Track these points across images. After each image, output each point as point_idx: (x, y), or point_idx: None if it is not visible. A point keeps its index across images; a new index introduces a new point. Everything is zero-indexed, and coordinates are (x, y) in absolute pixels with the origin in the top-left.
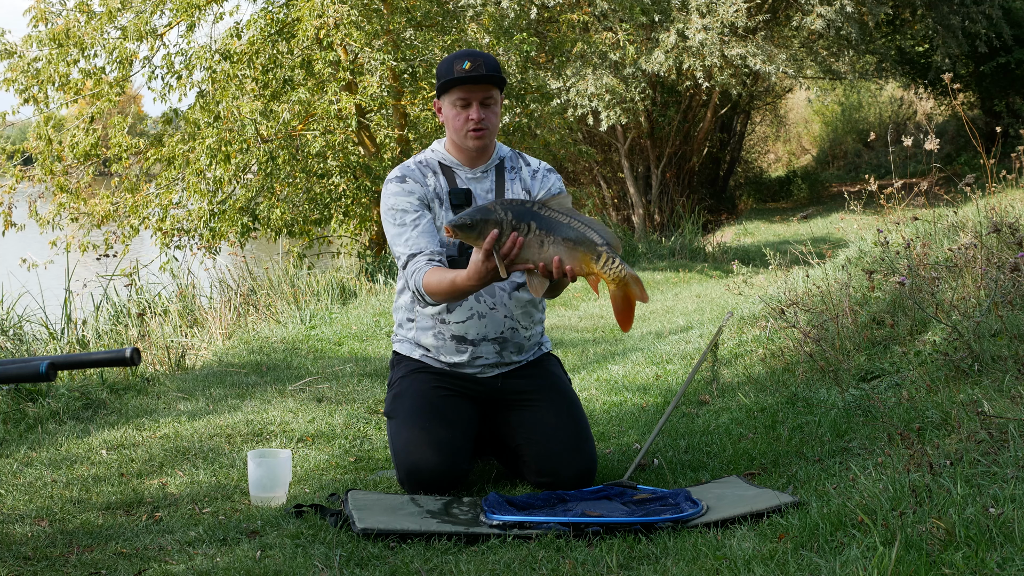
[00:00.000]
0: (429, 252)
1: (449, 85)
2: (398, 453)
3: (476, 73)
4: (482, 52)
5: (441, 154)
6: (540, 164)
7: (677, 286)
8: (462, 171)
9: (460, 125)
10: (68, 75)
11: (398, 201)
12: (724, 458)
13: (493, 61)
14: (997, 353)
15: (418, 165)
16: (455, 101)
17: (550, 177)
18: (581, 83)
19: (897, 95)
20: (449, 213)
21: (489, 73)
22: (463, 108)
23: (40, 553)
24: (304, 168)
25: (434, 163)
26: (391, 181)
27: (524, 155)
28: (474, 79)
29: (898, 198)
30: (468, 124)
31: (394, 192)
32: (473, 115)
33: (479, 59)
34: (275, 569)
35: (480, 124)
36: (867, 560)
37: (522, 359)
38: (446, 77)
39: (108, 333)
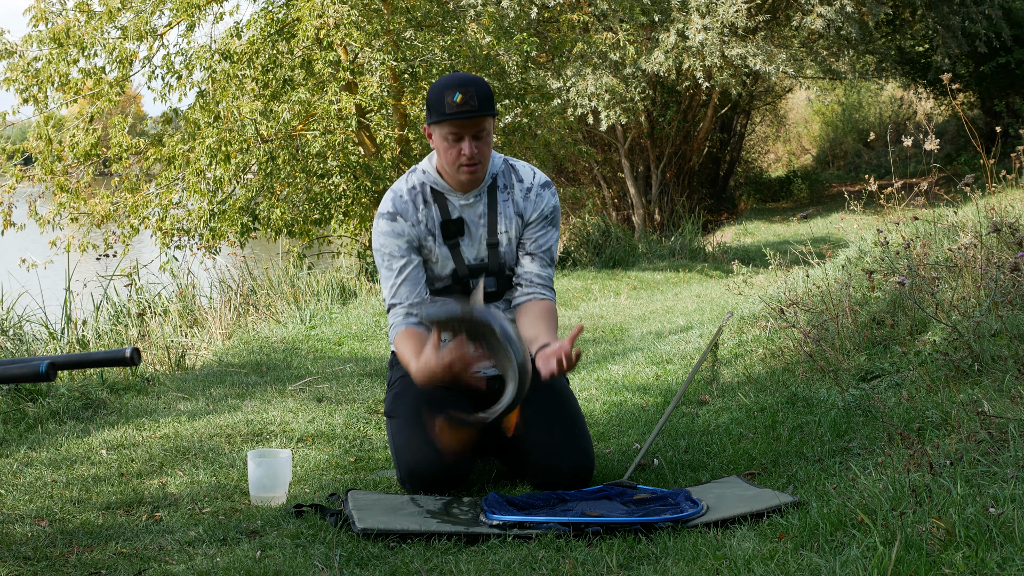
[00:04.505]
0: (408, 304)
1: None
2: (399, 452)
3: (468, 108)
4: (473, 78)
5: (433, 178)
6: (534, 179)
7: (677, 286)
8: (454, 197)
9: (452, 159)
10: (68, 75)
11: (386, 243)
12: (724, 458)
13: (485, 89)
14: (997, 353)
15: (411, 195)
16: (446, 135)
17: (543, 195)
18: (581, 83)
19: (897, 95)
20: (443, 248)
21: (482, 107)
22: (455, 142)
23: (40, 553)
24: (304, 168)
25: (426, 190)
26: (382, 216)
27: (517, 167)
28: (466, 113)
29: (898, 198)
30: (461, 159)
31: (383, 231)
32: (466, 150)
33: (470, 88)
34: (275, 569)
35: (473, 159)
36: (867, 560)
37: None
38: (437, 110)
39: (108, 333)
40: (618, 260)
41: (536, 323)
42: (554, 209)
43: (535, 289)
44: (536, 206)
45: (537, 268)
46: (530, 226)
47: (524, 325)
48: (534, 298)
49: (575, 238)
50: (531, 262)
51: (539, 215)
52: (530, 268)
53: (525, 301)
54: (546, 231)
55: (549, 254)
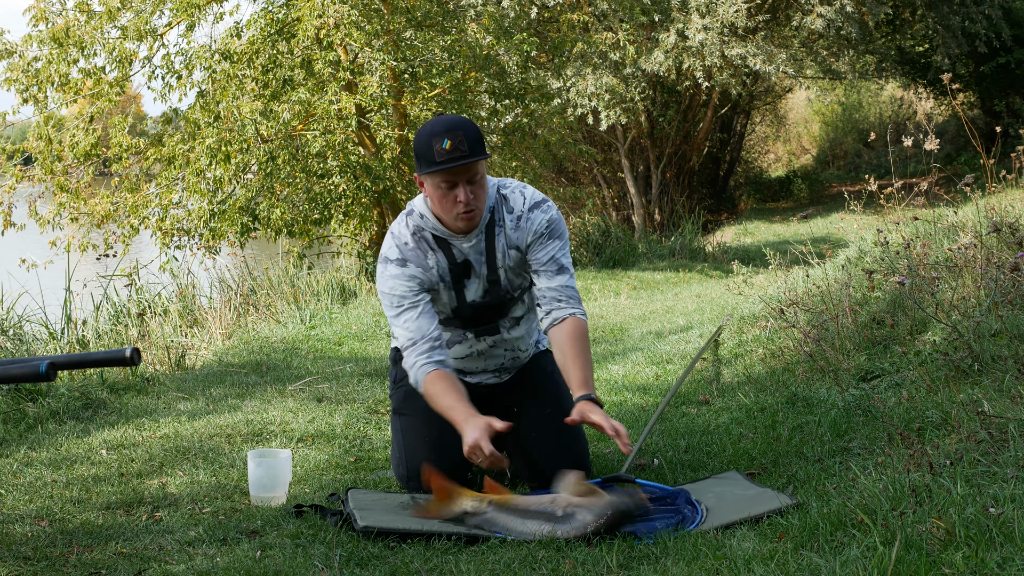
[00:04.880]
0: (431, 337)
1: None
2: (409, 451)
3: (458, 154)
4: (460, 121)
5: (432, 224)
6: (524, 204)
7: (677, 286)
8: (457, 240)
9: (448, 207)
10: (68, 75)
11: (396, 286)
12: (724, 458)
13: (474, 131)
14: (997, 353)
15: (416, 242)
16: (439, 183)
17: (533, 216)
18: (581, 83)
19: (897, 95)
20: (450, 291)
21: (472, 151)
22: (449, 190)
23: (40, 553)
24: (304, 168)
25: (428, 237)
26: (390, 263)
27: (508, 195)
28: (457, 160)
29: (898, 198)
30: (457, 206)
31: (394, 275)
32: (461, 197)
33: (458, 133)
34: (275, 569)
35: (470, 205)
36: (867, 560)
37: (522, 365)
38: (426, 159)
39: (108, 333)
40: (618, 260)
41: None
42: (548, 223)
43: (555, 307)
44: (529, 229)
45: (546, 281)
46: (530, 248)
47: (555, 353)
48: (556, 319)
49: (575, 238)
50: (539, 277)
51: (534, 236)
52: (540, 284)
53: (550, 324)
54: (544, 245)
55: (555, 263)
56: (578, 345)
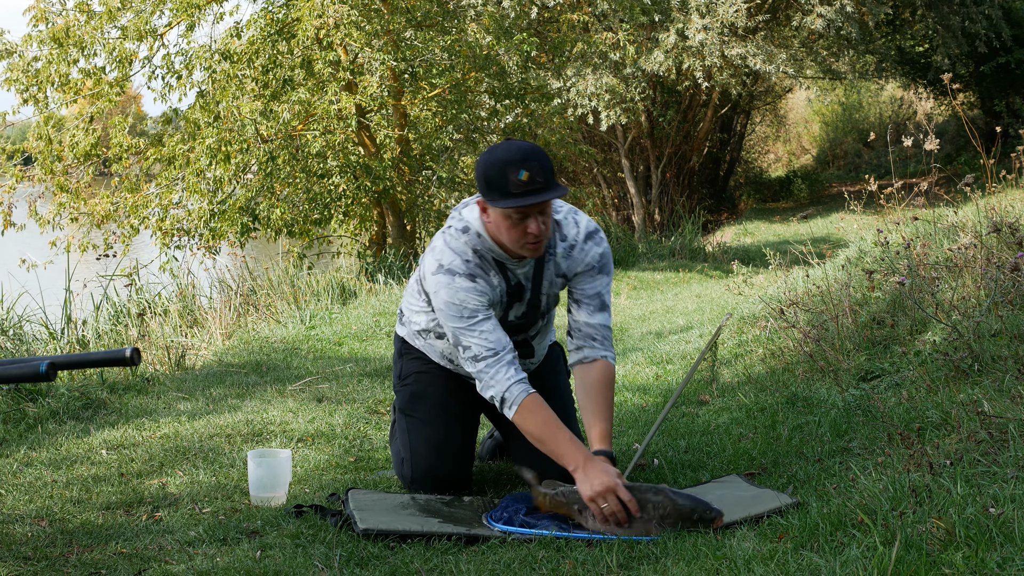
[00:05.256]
0: (510, 349)
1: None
2: (415, 454)
3: (536, 187)
4: (534, 149)
5: (488, 246)
6: (578, 233)
7: (677, 286)
8: (511, 264)
9: (517, 237)
10: (68, 75)
11: (469, 299)
12: (724, 458)
13: (548, 161)
14: (997, 353)
15: (479, 262)
16: (510, 214)
17: (587, 248)
18: (581, 83)
19: (897, 95)
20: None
21: (548, 184)
22: (520, 221)
23: (40, 553)
24: (304, 168)
25: (489, 259)
26: (458, 275)
27: (562, 221)
28: (535, 193)
29: (898, 198)
30: (527, 237)
31: (464, 288)
32: (533, 228)
33: (534, 164)
34: (275, 569)
35: (540, 237)
36: (867, 560)
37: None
38: (499, 190)
39: (108, 333)
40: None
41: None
42: (601, 257)
43: (587, 345)
44: (581, 260)
45: (585, 316)
46: (578, 276)
47: (578, 394)
48: (586, 358)
49: None
50: (578, 309)
51: (584, 268)
52: (578, 316)
53: (578, 362)
54: (593, 279)
55: (598, 299)
56: (605, 393)
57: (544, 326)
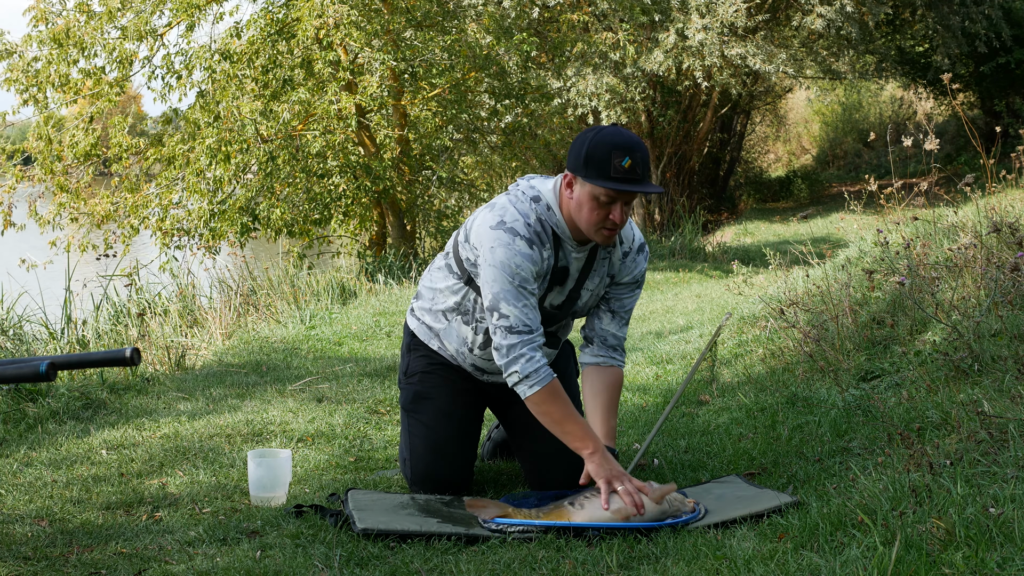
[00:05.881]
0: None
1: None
2: (415, 456)
3: (635, 176)
4: (639, 142)
5: (556, 220)
6: (634, 242)
7: (677, 286)
8: (570, 246)
9: (596, 220)
10: (68, 75)
11: (524, 265)
12: (724, 458)
13: (647, 156)
14: (997, 353)
15: (539, 231)
16: (599, 195)
17: (638, 260)
18: (581, 83)
19: (897, 95)
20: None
21: (644, 177)
22: (606, 204)
23: (40, 553)
24: (304, 168)
25: (550, 231)
26: (519, 237)
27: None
28: (634, 183)
29: (898, 198)
30: (606, 223)
31: (524, 254)
32: (616, 216)
33: (638, 154)
34: (275, 569)
35: (618, 225)
36: (867, 560)
37: None
38: (600, 170)
39: (108, 333)
40: None
41: (598, 396)
42: (643, 273)
43: (607, 353)
44: (630, 271)
45: (615, 328)
46: (619, 286)
47: (586, 392)
48: (602, 363)
49: None
50: (611, 320)
51: (630, 279)
52: (608, 326)
53: (593, 363)
54: (633, 293)
55: (629, 314)
56: (614, 397)
57: (564, 329)
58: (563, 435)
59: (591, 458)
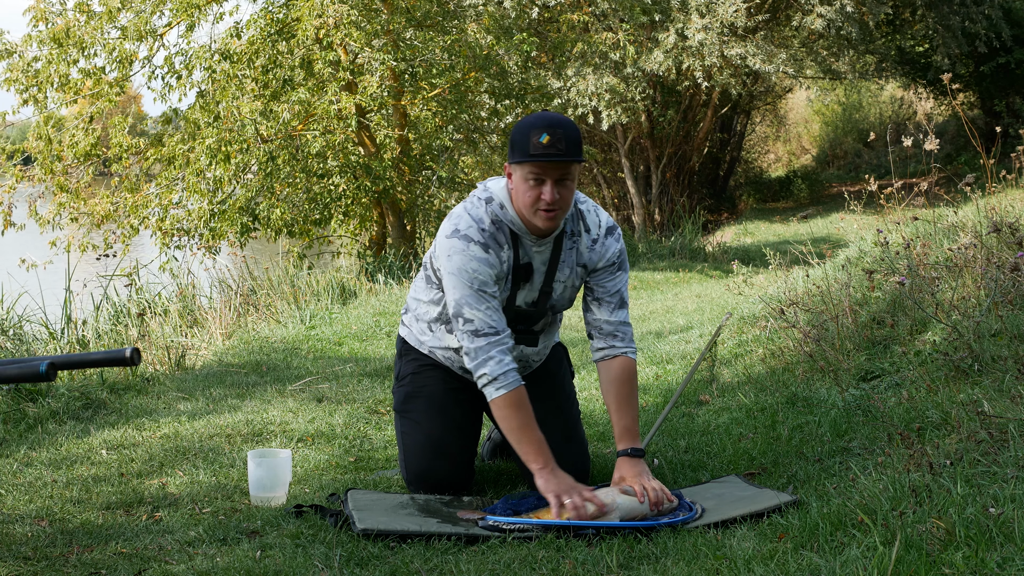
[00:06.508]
0: (509, 335)
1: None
2: (408, 455)
3: (554, 150)
4: (563, 119)
5: (510, 217)
6: (600, 227)
7: (677, 286)
8: (529, 240)
9: (531, 201)
10: (68, 75)
11: (480, 269)
12: (724, 458)
13: (574, 132)
14: (997, 353)
15: (493, 231)
16: (527, 175)
17: (608, 243)
18: (582, 83)
19: (897, 95)
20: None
21: (568, 151)
22: (536, 185)
23: (40, 553)
24: (304, 168)
25: (506, 230)
26: (473, 243)
27: (584, 212)
28: (552, 156)
29: (898, 198)
30: (540, 203)
31: (479, 258)
32: (546, 195)
33: (558, 130)
34: (275, 569)
35: (553, 205)
36: (867, 560)
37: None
38: (520, 149)
39: (108, 333)
40: None
41: (608, 394)
42: (620, 253)
43: (605, 343)
44: (602, 255)
45: (606, 314)
46: (596, 273)
47: (602, 388)
48: (608, 355)
49: None
50: (599, 308)
51: (606, 263)
52: (599, 315)
53: (601, 359)
54: (613, 276)
55: (618, 296)
56: (626, 389)
57: (551, 324)
58: (517, 444)
59: (540, 473)
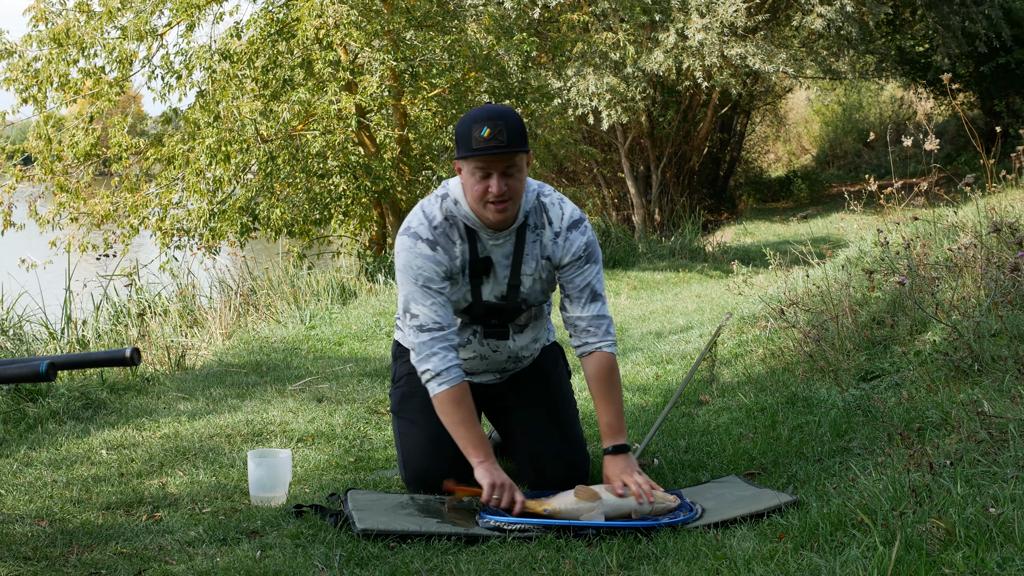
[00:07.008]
0: (453, 331)
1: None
2: (406, 456)
3: (496, 143)
4: (504, 111)
5: (465, 212)
6: (563, 221)
7: (677, 286)
8: (485, 235)
9: (479, 195)
10: (67, 75)
11: (425, 266)
12: (724, 458)
13: (516, 122)
14: (997, 353)
15: (445, 228)
16: (473, 170)
17: (572, 237)
18: (582, 83)
19: (897, 95)
20: (466, 285)
21: (511, 142)
22: (483, 178)
23: (40, 553)
24: (304, 168)
25: (460, 226)
26: (421, 240)
27: (548, 205)
28: (494, 149)
29: (898, 198)
30: (488, 196)
31: (424, 255)
32: (493, 187)
33: (499, 123)
34: (275, 569)
35: (501, 196)
36: (867, 560)
37: (523, 367)
38: (464, 144)
39: (108, 333)
40: (618, 260)
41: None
42: (587, 246)
43: (581, 340)
44: (567, 250)
45: (578, 310)
46: (563, 268)
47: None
48: (584, 352)
49: None
50: (571, 304)
51: (571, 257)
52: (571, 311)
53: (580, 355)
54: (581, 270)
55: (588, 290)
56: (606, 385)
57: (537, 318)
58: (457, 439)
59: (478, 467)
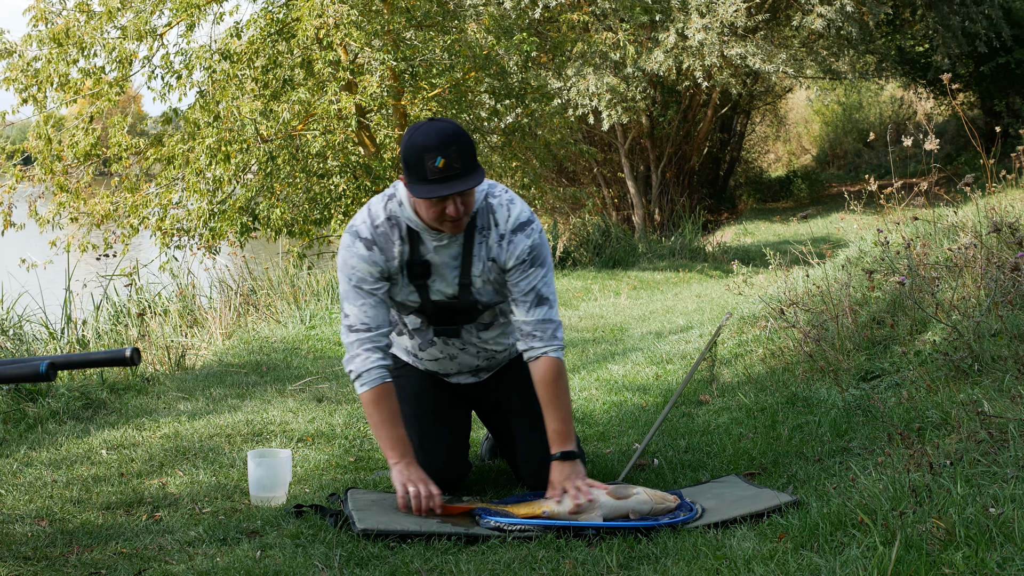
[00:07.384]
0: (384, 332)
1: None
2: None
3: (452, 173)
4: (453, 134)
5: (408, 216)
6: (508, 223)
7: (677, 286)
8: (429, 237)
9: (435, 216)
10: (67, 75)
11: (359, 266)
12: (724, 458)
13: (467, 144)
14: (997, 353)
15: (387, 227)
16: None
17: (516, 240)
18: (582, 83)
19: (897, 95)
20: (412, 287)
21: (466, 169)
22: (438, 202)
23: (40, 553)
24: (304, 168)
25: (403, 227)
26: (359, 240)
27: (495, 206)
28: (451, 179)
29: (898, 198)
30: (445, 217)
31: (360, 255)
32: (451, 211)
33: (452, 149)
34: (275, 569)
35: (458, 216)
36: (867, 560)
37: (500, 365)
38: (416, 174)
39: (108, 333)
40: (618, 260)
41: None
42: (532, 249)
43: (526, 344)
44: (511, 253)
45: (523, 314)
46: (509, 272)
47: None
48: (530, 357)
49: (575, 238)
50: (517, 308)
51: (515, 261)
52: (517, 315)
53: (528, 362)
54: (526, 274)
55: (534, 294)
56: (552, 390)
57: (493, 324)
58: (378, 438)
59: (395, 466)
